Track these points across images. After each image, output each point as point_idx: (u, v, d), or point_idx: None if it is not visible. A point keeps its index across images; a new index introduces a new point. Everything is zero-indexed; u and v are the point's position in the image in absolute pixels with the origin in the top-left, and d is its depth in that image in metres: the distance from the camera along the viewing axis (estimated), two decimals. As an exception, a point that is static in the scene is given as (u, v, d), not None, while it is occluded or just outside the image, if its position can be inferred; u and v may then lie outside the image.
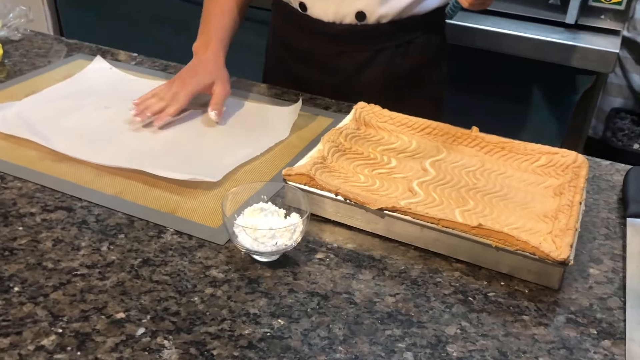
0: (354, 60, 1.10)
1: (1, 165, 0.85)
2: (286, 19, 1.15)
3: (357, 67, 1.11)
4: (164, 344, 0.59)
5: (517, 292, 0.68)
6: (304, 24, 1.10)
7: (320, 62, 1.12)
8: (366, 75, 1.11)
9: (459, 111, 1.55)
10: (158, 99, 0.97)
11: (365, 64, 1.10)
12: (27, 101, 1.01)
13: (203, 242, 0.73)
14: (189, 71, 1.01)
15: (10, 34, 1.27)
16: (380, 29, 1.06)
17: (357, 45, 1.09)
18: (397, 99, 1.00)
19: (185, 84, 0.98)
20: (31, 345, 0.58)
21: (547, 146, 0.87)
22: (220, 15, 1.07)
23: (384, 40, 1.08)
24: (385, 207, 0.72)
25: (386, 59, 1.10)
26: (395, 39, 1.09)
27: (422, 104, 1.15)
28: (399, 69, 1.11)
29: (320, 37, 1.09)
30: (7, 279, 0.66)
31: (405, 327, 0.62)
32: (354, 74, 1.12)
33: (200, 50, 1.04)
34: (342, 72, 1.12)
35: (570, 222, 0.71)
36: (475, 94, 1.62)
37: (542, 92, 1.56)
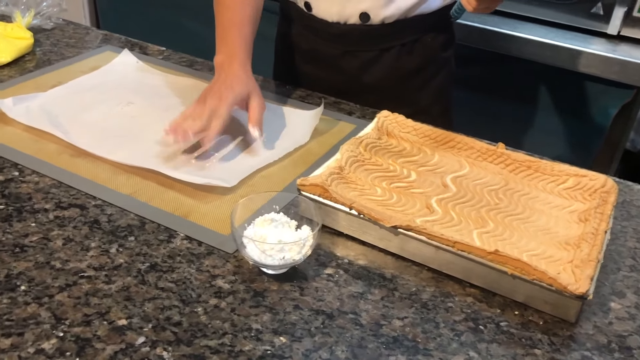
0: (359, 60, 1.10)
1: (21, 157, 0.85)
2: (292, 17, 1.14)
3: (362, 66, 1.10)
4: (163, 355, 0.58)
5: (531, 323, 0.65)
6: (309, 24, 1.09)
7: (325, 61, 1.12)
8: (371, 75, 1.11)
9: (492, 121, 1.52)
10: (194, 119, 0.85)
11: (371, 63, 1.10)
12: (51, 92, 1.01)
13: (212, 250, 0.72)
14: (222, 85, 0.89)
15: (43, 23, 1.28)
16: (385, 28, 1.06)
17: (362, 45, 1.08)
18: (403, 98, 1.00)
19: (222, 97, 0.87)
20: (31, 347, 0.58)
21: (575, 167, 0.83)
22: (241, 24, 0.98)
23: (389, 39, 1.08)
24: (399, 225, 0.70)
25: (392, 58, 1.09)
26: (400, 39, 1.08)
27: (429, 103, 1.15)
28: (405, 68, 1.11)
29: (325, 37, 1.09)
30: (15, 277, 0.66)
31: (410, 354, 0.60)
32: (359, 74, 1.11)
33: (225, 63, 0.93)
34: (347, 71, 1.11)
35: (592, 252, 0.67)
36: (509, 104, 1.57)
37: (579, 103, 1.51)
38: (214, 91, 0.88)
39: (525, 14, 1.50)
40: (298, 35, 1.14)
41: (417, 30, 1.09)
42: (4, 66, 1.11)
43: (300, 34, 1.14)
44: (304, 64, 1.16)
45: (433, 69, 1.14)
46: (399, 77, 1.12)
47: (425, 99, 1.15)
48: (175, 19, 2.07)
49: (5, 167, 0.83)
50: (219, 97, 0.87)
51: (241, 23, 0.97)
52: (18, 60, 1.14)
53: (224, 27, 0.97)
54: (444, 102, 1.20)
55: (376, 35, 1.07)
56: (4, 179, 0.81)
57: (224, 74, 0.92)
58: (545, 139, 1.56)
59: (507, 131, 1.07)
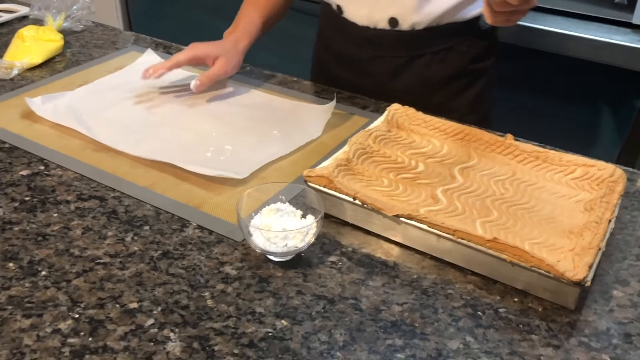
0: (389, 65, 1.09)
1: (47, 153, 0.90)
2: (328, 19, 1.15)
3: (391, 72, 1.09)
4: (170, 336, 0.61)
5: (530, 309, 0.66)
6: (341, 26, 1.10)
7: (356, 64, 1.12)
8: (401, 81, 1.10)
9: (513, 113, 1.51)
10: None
11: (400, 69, 1.09)
12: (77, 91, 1.06)
13: (222, 238, 0.75)
14: (205, 42, 1.06)
15: (73, 25, 1.33)
16: (415, 35, 1.04)
17: (391, 51, 1.08)
18: (433, 107, 0.97)
19: (192, 47, 1.05)
20: (49, 327, 0.62)
21: (584, 157, 0.83)
22: (253, 9, 1.12)
23: (419, 46, 1.06)
24: (401, 214, 0.72)
25: (422, 65, 1.08)
26: (431, 46, 1.06)
27: (462, 113, 1.10)
28: (436, 76, 1.09)
29: (355, 40, 1.09)
30: (37, 263, 0.70)
31: (407, 337, 0.62)
32: (389, 79, 1.10)
33: (226, 34, 1.10)
34: (377, 76, 1.11)
35: (594, 240, 0.68)
36: (530, 96, 1.56)
37: (602, 96, 1.49)
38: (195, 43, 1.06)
39: (547, 5, 1.49)
40: (332, 38, 1.16)
41: (451, 38, 1.06)
42: (35, 67, 1.17)
43: (333, 36, 1.15)
44: (336, 66, 1.17)
45: (468, 79, 1.11)
46: (430, 86, 1.10)
47: (458, 109, 1.11)
48: (206, 19, 2.12)
49: (32, 161, 0.88)
50: (191, 46, 1.06)
51: (254, 8, 1.12)
52: (49, 61, 1.20)
53: (241, 8, 1.14)
54: (480, 112, 1.15)
55: (406, 41, 1.06)
56: (30, 173, 0.86)
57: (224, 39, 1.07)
58: (569, 132, 1.54)
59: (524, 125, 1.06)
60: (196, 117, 1.00)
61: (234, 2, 1.15)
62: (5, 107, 1.02)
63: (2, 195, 0.81)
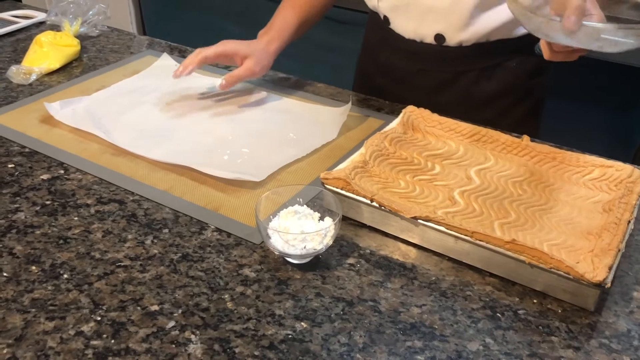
0: (434, 80, 1.07)
1: (66, 157, 0.91)
2: (375, 29, 1.14)
3: (436, 86, 1.08)
4: (191, 338, 0.62)
5: (550, 311, 0.66)
6: (387, 37, 1.09)
7: (400, 76, 1.11)
8: (445, 96, 1.07)
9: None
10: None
11: (445, 84, 1.07)
12: (95, 96, 1.07)
13: (240, 241, 0.76)
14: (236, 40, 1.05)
15: (89, 30, 1.35)
16: (462, 51, 1.02)
17: (437, 65, 1.06)
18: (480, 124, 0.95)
19: (222, 43, 1.04)
20: (72, 330, 0.63)
21: (601, 158, 0.83)
22: (290, 9, 1.09)
23: (465, 63, 1.04)
24: (419, 216, 0.72)
25: (468, 81, 1.05)
26: (479, 62, 1.04)
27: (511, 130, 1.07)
28: (482, 93, 1.06)
29: (401, 53, 1.08)
30: (59, 266, 0.71)
31: (427, 339, 0.62)
32: (433, 94, 1.08)
33: (260, 34, 1.08)
34: (421, 90, 1.09)
35: (613, 241, 0.68)
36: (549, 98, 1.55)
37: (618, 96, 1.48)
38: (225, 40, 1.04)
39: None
40: (377, 48, 1.14)
41: (499, 55, 1.04)
42: (53, 72, 1.18)
43: (379, 46, 1.13)
44: (380, 77, 1.15)
45: (515, 97, 1.08)
46: (476, 102, 1.07)
47: (504, 127, 1.06)
48: (219, 23, 2.14)
49: (52, 166, 0.90)
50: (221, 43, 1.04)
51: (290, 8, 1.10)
52: (66, 66, 1.21)
53: (278, 8, 1.11)
54: (527, 131, 1.08)
55: (452, 57, 1.04)
56: (50, 177, 0.87)
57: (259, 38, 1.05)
58: (585, 132, 1.53)
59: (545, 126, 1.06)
60: (213, 120, 1.01)
61: (248, 5, 1.16)
62: (25, 112, 1.03)
63: (23, 199, 0.82)
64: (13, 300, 0.66)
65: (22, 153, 0.92)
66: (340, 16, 1.21)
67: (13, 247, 0.73)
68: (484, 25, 0.99)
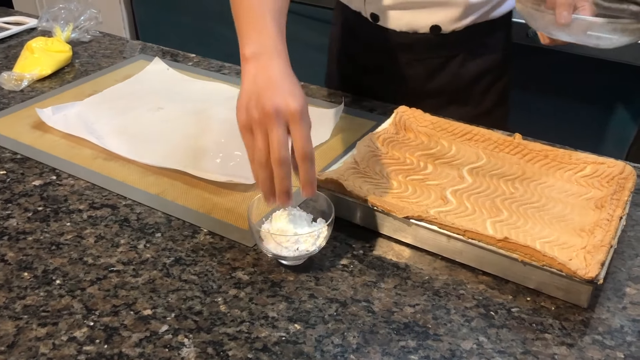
0: (425, 67, 1.08)
1: (59, 162, 0.91)
2: (352, 27, 1.13)
3: (428, 74, 1.08)
4: (184, 342, 0.62)
5: (543, 308, 0.66)
6: (374, 34, 1.08)
7: (390, 70, 1.10)
8: (437, 81, 1.09)
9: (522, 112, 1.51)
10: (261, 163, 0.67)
11: (437, 70, 1.08)
12: (87, 101, 1.07)
13: (233, 243, 0.75)
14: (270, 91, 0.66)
15: (81, 36, 1.35)
16: (455, 36, 1.03)
17: (430, 52, 1.06)
18: (466, 101, 0.96)
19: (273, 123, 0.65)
20: (64, 336, 0.62)
21: (593, 155, 0.83)
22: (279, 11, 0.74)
23: (457, 46, 1.05)
24: (411, 215, 0.72)
25: (458, 64, 1.07)
26: (468, 45, 1.05)
27: (492, 106, 1.12)
28: (470, 72, 1.08)
29: (391, 47, 1.07)
30: (51, 272, 0.71)
31: (420, 339, 0.62)
32: (424, 81, 1.09)
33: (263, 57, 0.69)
34: (413, 79, 1.09)
35: (605, 238, 0.68)
36: (537, 95, 1.56)
37: (610, 93, 1.49)
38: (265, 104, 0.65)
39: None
40: (359, 46, 1.13)
41: (485, 35, 1.06)
42: (45, 78, 1.18)
43: (363, 42, 1.12)
44: (364, 73, 1.15)
45: (497, 72, 1.11)
46: (464, 82, 1.09)
47: (489, 102, 1.12)
48: (211, 27, 2.14)
49: (44, 171, 0.89)
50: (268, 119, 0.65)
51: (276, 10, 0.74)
52: (58, 72, 1.21)
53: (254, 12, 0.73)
54: (506, 105, 1.16)
55: (446, 43, 1.05)
56: (43, 183, 0.87)
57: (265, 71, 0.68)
58: (577, 130, 1.54)
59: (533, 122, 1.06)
60: (205, 124, 1.01)
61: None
62: (16, 119, 1.03)
63: (15, 205, 0.82)
64: (5, 307, 0.65)
65: (13, 159, 0.92)
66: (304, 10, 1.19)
67: (5, 253, 0.73)
68: (478, 8, 1.01)
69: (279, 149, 0.64)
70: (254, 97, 0.66)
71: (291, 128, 0.65)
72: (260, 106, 0.65)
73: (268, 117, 0.65)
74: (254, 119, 0.66)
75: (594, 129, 1.55)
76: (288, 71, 0.69)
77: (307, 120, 0.67)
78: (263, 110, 0.65)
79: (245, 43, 0.71)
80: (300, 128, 0.65)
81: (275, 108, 0.64)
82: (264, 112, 0.65)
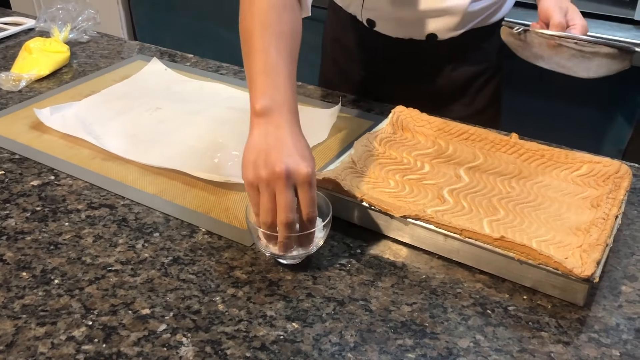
0: (420, 70, 1.09)
1: (56, 163, 0.91)
2: (347, 29, 1.13)
3: (422, 76, 1.09)
4: (182, 341, 0.62)
5: (539, 307, 0.66)
6: (369, 37, 1.08)
7: (384, 72, 1.11)
8: (430, 84, 1.09)
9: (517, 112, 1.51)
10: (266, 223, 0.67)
11: (432, 73, 1.09)
12: (85, 101, 1.07)
13: (231, 243, 0.76)
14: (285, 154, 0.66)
15: (79, 36, 1.35)
16: (452, 41, 1.04)
17: (426, 58, 1.07)
18: (461, 102, 0.97)
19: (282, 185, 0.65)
20: (63, 335, 0.63)
21: (589, 155, 0.84)
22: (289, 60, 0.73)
23: (453, 51, 1.06)
24: (408, 214, 0.72)
25: (453, 66, 1.08)
26: (465, 49, 1.06)
27: (485, 105, 1.14)
28: (466, 74, 1.09)
29: (386, 50, 1.08)
30: (50, 272, 0.71)
31: (417, 337, 0.62)
32: (418, 83, 1.10)
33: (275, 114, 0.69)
34: (407, 81, 1.10)
35: (601, 237, 0.68)
36: (532, 95, 1.56)
37: (605, 93, 1.49)
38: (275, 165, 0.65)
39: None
40: (354, 46, 1.14)
41: (481, 40, 1.08)
42: (43, 79, 1.18)
43: (357, 44, 1.13)
44: (358, 73, 1.15)
45: (490, 72, 1.12)
46: (460, 83, 1.11)
47: (481, 102, 1.13)
48: (208, 28, 2.14)
49: (42, 172, 0.90)
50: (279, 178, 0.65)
51: (290, 59, 0.73)
52: (56, 72, 1.21)
53: (268, 57, 0.71)
54: (498, 105, 1.18)
55: (442, 48, 1.05)
56: (41, 183, 0.87)
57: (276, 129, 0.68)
58: (573, 130, 1.54)
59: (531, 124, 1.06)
60: (202, 124, 1.01)
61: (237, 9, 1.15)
62: (15, 119, 1.03)
63: (13, 205, 0.82)
64: (4, 306, 0.66)
65: (12, 160, 0.92)
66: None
67: (3, 253, 0.73)
68: (475, 18, 1.01)
69: (287, 212, 0.65)
70: (262, 155, 0.66)
71: (299, 191, 0.66)
72: (270, 166, 0.65)
73: (278, 178, 0.64)
74: (262, 177, 0.65)
75: (591, 128, 1.55)
76: (298, 130, 0.69)
77: (315, 183, 0.67)
78: (272, 170, 0.64)
79: (256, 95, 0.70)
80: (308, 193, 0.66)
81: (285, 170, 0.64)
82: (274, 173, 0.64)
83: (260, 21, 0.73)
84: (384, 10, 1.03)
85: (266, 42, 0.72)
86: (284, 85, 0.70)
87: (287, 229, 0.66)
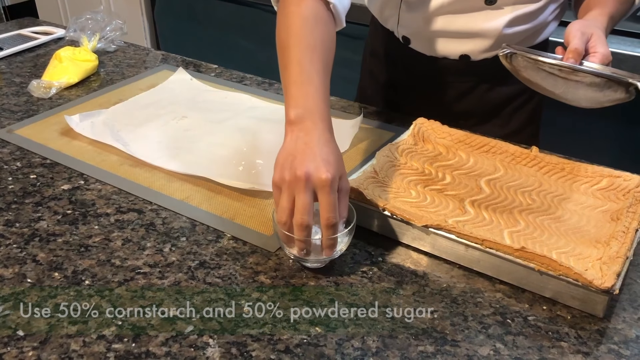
0: (455, 91, 1.09)
1: (86, 168, 0.94)
2: (385, 45, 1.15)
3: (456, 96, 1.10)
4: (209, 342, 0.64)
5: (559, 317, 0.67)
6: (405, 54, 1.10)
7: (419, 90, 1.12)
8: (466, 103, 1.10)
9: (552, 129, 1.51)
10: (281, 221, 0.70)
11: (466, 93, 1.09)
12: (113, 109, 1.10)
13: (256, 249, 0.78)
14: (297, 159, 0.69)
15: (106, 46, 1.38)
16: (486, 63, 1.04)
17: (459, 78, 1.08)
18: (496, 122, 0.96)
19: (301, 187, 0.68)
20: (94, 334, 0.65)
21: (609, 169, 0.85)
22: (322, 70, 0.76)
23: (487, 71, 1.06)
24: (430, 224, 0.74)
25: (488, 87, 1.08)
26: (499, 71, 1.02)
27: (521, 126, 1.13)
28: (500, 95, 1.09)
29: (421, 68, 1.09)
30: (81, 273, 0.73)
31: (438, 344, 0.64)
32: (452, 103, 1.10)
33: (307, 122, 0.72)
34: (441, 100, 1.11)
35: (621, 249, 0.69)
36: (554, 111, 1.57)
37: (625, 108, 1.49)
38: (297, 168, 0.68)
39: (567, 19, 1.50)
40: (391, 62, 1.15)
41: None
42: (72, 86, 1.22)
43: (394, 60, 1.14)
44: (393, 91, 1.17)
45: (527, 95, 1.11)
46: (495, 103, 1.11)
47: (518, 122, 1.13)
48: (230, 38, 2.18)
49: (72, 176, 0.92)
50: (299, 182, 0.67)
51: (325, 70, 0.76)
52: (84, 80, 1.25)
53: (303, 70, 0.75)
54: (535, 125, 1.17)
55: (475, 68, 1.06)
56: (71, 187, 0.90)
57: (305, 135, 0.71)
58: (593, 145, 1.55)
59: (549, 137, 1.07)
60: (227, 132, 1.03)
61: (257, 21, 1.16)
62: (46, 125, 1.06)
63: (45, 208, 0.85)
64: (37, 305, 0.68)
65: (43, 164, 0.95)
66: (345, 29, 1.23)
67: (36, 254, 0.76)
68: (510, 41, 1.00)
69: (302, 214, 0.67)
70: (290, 159, 0.70)
71: (319, 195, 0.68)
72: (293, 169, 0.68)
73: (298, 181, 0.68)
74: (285, 179, 0.69)
75: (610, 143, 1.55)
76: (327, 137, 0.72)
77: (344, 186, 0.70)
78: (294, 173, 0.68)
79: (289, 104, 0.74)
80: (327, 196, 0.68)
81: (306, 174, 0.67)
82: (295, 176, 0.68)
83: (295, 35, 0.77)
84: (418, 29, 1.05)
85: (300, 55, 0.76)
86: (315, 94, 0.74)
87: (301, 230, 0.68)
